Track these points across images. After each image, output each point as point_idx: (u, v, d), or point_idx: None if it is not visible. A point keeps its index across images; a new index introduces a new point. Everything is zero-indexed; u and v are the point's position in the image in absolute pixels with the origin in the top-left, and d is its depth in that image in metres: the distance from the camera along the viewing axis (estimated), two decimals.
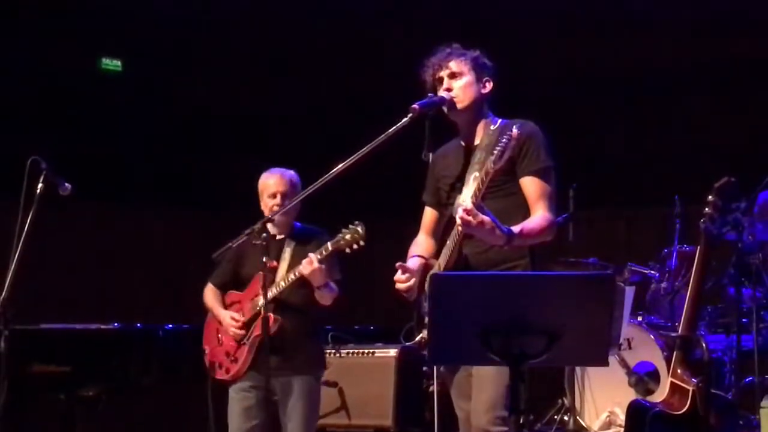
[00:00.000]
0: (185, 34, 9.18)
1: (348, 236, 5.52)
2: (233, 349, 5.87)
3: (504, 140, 4.30)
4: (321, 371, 5.99)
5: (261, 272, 5.61)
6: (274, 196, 5.91)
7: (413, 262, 4.79)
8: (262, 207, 5.94)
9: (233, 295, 6.00)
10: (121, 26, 9.09)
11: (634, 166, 9.41)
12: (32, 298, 8.31)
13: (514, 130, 4.31)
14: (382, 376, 7.36)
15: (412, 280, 4.68)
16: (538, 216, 4.57)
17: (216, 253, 5.67)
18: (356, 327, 8.32)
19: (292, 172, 6.00)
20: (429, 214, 4.96)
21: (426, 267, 4.76)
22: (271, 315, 5.71)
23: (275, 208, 5.82)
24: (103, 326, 6.81)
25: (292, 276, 5.71)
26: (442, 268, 4.62)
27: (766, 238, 6.91)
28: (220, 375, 5.91)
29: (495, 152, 4.32)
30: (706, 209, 4.93)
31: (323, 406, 7.40)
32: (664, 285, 7.14)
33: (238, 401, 5.86)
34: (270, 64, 9.61)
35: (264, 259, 5.55)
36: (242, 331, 5.84)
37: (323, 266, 5.61)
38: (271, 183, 5.95)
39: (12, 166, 5.97)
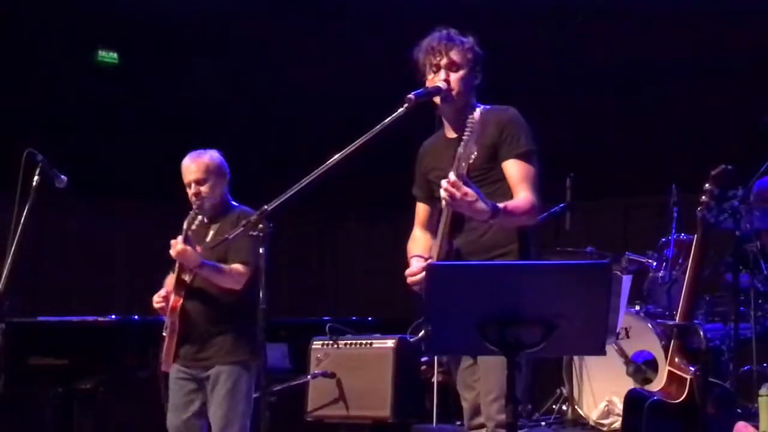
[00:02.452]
0: (182, 26, 9.17)
1: (190, 216, 5.51)
2: (165, 340, 5.79)
3: (468, 125, 4.30)
4: (242, 357, 5.75)
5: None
6: (189, 185, 5.84)
7: (414, 261, 4.76)
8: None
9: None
10: (118, 18, 9.08)
11: (631, 155, 9.41)
12: (29, 291, 8.35)
13: (477, 113, 4.30)
14: (380, 367, 7.35)
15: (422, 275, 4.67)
16: (522, 197, 4.54)
17: (212, 245, 5.66)
18: (354, 318, 8.31)
19: (209, 155, 5.89)
20: (421, 209, 4.94)
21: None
22: (172, 301, 5.67)
23: (192, 198, 5.79)
24: (100, 318, 6.81)
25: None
26: (435, 258, 4.60)
27: (763, 226, 6.91)
28: (162, 367, 5.83)
29: (464, 138, 4.32)
30: (703, 197, 4.93)
31: (321, 397, 7.44)
32: (661, 274, 7.13)
33: (171, 395, 5.83)
34: (268, 58, 9.61)
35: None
36: (164, 305, 5.75)
37: (189, 248, 5.53)
38: (185, 173, 5.87)
39: (8, 159, 5.96)
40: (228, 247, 5.70)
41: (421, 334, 4.68)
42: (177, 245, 5.55)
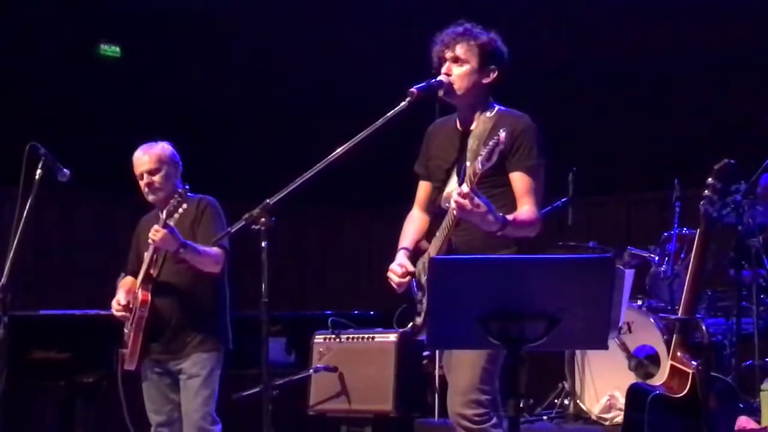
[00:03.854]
0: (184, 20, 9.16)
1: (174, 203, 5.50)
2: (128, 336, 5.77)
3: (492, 143, 4.27)
4: (215, 347, 5.79)
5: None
6: (141, 177, 5.84)
7: (401, 257, 4.77)
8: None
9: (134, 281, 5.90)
10: (120, 11, 9.07)
11: (634, 150, 9.40)
12: (32, 284, 8.35)
13: (502, 135, 4.25)
14: (382, 361, 7.36)
15: (407, 278, 4.68)
16: (526, 210, 4.57)
17: (215, 239, 5.66)
18: (356, 312, 8.31)
19: (161, 146, 5.89)
20: (422, 188, 4.93)
21: (416, 251, 4.76)
22: (141, 295, 5.65)
23: (146, 189, 5.80)
24: (102, 312, 6.80)
25: (150, 248, 5.66)
26: (433, 255, 4.61)
27: (766, 221, 6.91)
28: (125, 365, 5.79)
29: (482, 153, 4.29)
30: (706, 192, 4.92)
31: (323, 391, 7.45)
32: (663, 268, 7.12)
33: (148, 392, 5.82)
34: (270, 51, 9.60)
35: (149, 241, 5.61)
36: (124, 313, 5.75)
37: (166, 231, 5.50)
38: (137, 165, 5.87)
39: (10, 153, 5.96)
40: (196, 235, 5.72)
41: (409, 326, 4.71)
42: (159, 231, 5.52)
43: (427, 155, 4.89)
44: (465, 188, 4.29)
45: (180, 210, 5.52)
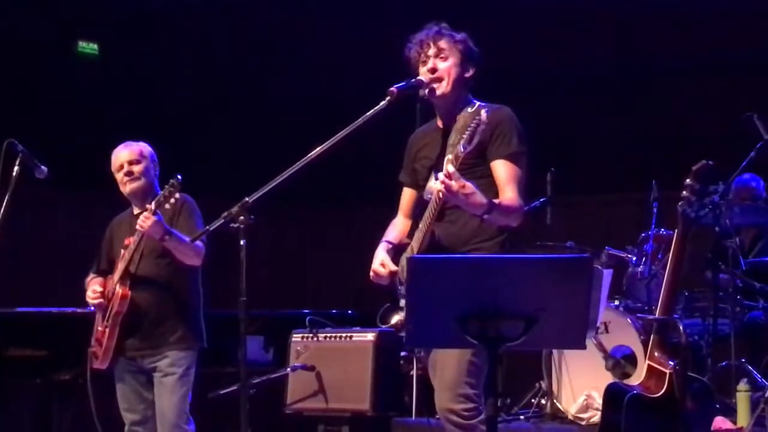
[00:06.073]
0: (163, 17, 9.14)
1: (166, 191, 5.48)
2: (101, 334, 5.72)
3: (473, 124, 4.28)
4: (191, 344, 5.76)
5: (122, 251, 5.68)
6: (120, 168, 5.83)
7: (382, 249, 4.77)
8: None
9: (109, 280, 5.85)
10: (98, 9, 9.05)
11: (613, 150, 9.43)
12: (9, 281, 8.32)
13: (483, 114, 4.28)
14: (360, 360, 7.35)
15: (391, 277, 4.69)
16: (510, 197, 4.55)
17: (192, 237, 5.64)
18: (334, 311, 8.31)
19: (142, 144, 5.90)
20: (406, 195, 4.95)
21: (398, 249, 4.76)
22: (120, 290, 5.63)
23: (124, 179, 5.80)
24: (79, 310, 6.78)
25: (135, 238, 5.63)
26: (415, 251, 4.61)
27: (742, 223, 6.94)
28: (95, 364, 5.73)
29: (464, 136, 4.30)
30: (684, 193, 4.93)
31: (301, 390, 7.44)
32: (641, 269, 7.15)
33: (119, 391, 5.79)
34: (251, 48, 9.59)
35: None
36: (101, 300, 5.71)
37: (155, 218, 5.48)
38: (116, 159, 5.86)
39: None
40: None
41: (393, 321, 4.70)
42: (148, 218, 5.50)
43: (412, 160, 4.89)
44: (450, 168, 4.28)
45: (172, 200, 5.49)
